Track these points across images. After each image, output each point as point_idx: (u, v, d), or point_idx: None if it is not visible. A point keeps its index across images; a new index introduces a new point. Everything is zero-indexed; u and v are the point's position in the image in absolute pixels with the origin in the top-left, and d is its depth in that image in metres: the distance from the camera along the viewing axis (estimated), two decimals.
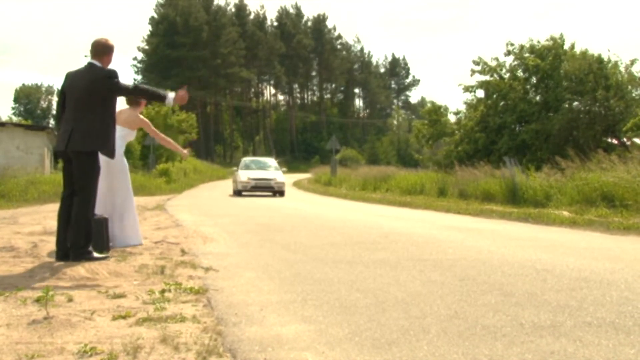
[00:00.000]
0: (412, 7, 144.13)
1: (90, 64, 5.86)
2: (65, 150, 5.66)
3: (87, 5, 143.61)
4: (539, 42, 22.87)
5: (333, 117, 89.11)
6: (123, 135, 6.86)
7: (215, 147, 75.90)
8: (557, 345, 2.94)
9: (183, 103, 6.20)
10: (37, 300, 3.87)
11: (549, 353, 2.82)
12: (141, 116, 7.08)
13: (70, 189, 5.79)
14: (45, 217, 10.73)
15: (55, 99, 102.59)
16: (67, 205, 5.75)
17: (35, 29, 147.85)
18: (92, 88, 5.67)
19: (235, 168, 25.39)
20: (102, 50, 5.89)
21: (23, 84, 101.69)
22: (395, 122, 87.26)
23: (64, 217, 5.72)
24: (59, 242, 5.73)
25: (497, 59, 23.50)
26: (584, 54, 21.64)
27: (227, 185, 31.64)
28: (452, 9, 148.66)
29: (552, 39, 22.78)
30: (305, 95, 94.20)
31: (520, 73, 23.28)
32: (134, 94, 6.05)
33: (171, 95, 5.97)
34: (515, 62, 23.35)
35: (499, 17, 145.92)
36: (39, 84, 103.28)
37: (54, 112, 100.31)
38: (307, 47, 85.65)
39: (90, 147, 5.65)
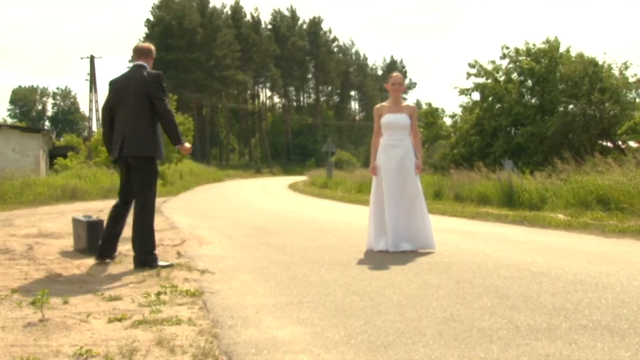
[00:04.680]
0: (407, 10, 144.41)
1: (138, 65, 5.77)
2: (120, 156, 5.58)
3: (84, 8, 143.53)
4: (534, 45, 22.92)
5: (329, 120, 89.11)
6: None
7: (211, 150, 75.81)
8: (553, 348, 2.94)
9: (185, 153, 6.24)
10: (33, 302, 3.86)
11: (544, 356, 2.82)
12: None
13: (125, 199, 5.74)
14: (40, 220, 10.71)
15: (50, 101, 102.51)
16: (119, 209, 5.76)
17: (32, 31, 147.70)
18: (142, 89, 5.57)
19: None
20: (147, 52, 5.85)
21: (19, 86, 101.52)
22: None
23: (113, 220, 5.73)
24: (102, 244, 5.76)
25: (493, 61, 23.55)
26: (580, 56, 21.69)
27: (223, 188, 31.61)
28: (447, 12, 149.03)
29: (548, 41, 22.82)
30: (301, 98, 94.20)
31: (515, 76, 23.31)
32: (165, 116, 5.67)
33: (187, 144, 5.89)
34: (511, 65, 23.39)
35: (494, 20, 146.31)
36: (35, 85, 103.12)
37: (49, 114, 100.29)
38: (302, 50, 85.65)
39: (149, 152, 5.60)
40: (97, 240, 6.07)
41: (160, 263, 5.54)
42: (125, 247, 6.58)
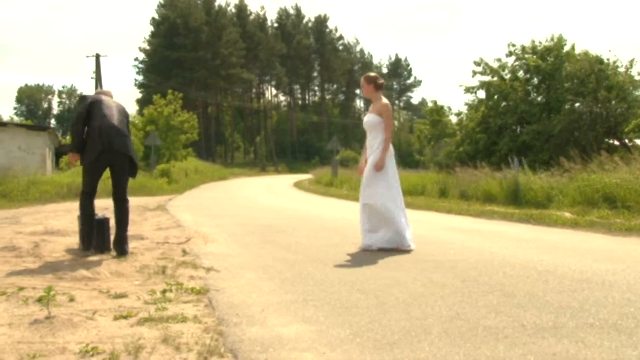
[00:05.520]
0: (412, 8, 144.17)
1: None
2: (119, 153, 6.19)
3: (89, 6, 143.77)
4: (540, 42, 22.84)
5: (334, 118, 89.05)
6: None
7: (217, 148, 75.87)
8: (559, 346, 2.93)
9: (70, 162, 6.57)
10: (39, 300, 3.87)
11: (551, 354, 2.82)
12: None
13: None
14: (46, 217, 10.74)
15: (55, 100, 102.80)
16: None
17: (37, 29, 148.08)
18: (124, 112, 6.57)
19: None
20: None
21: (25, 85, 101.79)
22: (396, 122, 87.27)
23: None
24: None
25: (499, 59, 23.47)
26: (585, 54, 21.61)
27: (228, 186, 31.65)
28: (452, 10, 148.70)
29: (553, 39, 22.75)
30: (307, 96, 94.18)
31: (521, 74, 23.24)
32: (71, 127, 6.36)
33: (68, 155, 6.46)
34: (517, 63, 23.31)
35: (499, 18, 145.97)
36: (41, 84, 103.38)
37: (55, 112, 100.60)
38: (307, 48, 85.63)
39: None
40: (103, 238, 6.17)
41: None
42: (131, 245, 6.60)
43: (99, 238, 6.22)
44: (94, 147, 6.03)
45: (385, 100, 6.81)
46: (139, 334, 3.16)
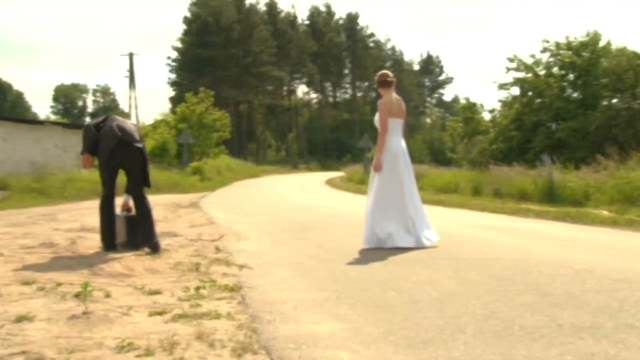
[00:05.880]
0: (443, 4, 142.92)
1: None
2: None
3: (122, 5, 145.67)
4: (575, 38, 22.48)
5: (365, 116, 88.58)
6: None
7: (248, 146, 76.24)
8: (598, 347, 2.87)
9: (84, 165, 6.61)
10: (76, 295, 3.93)
11: (589, 355, 2.76)
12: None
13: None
14: (82, 214, 10.90)
15: (90, 98, 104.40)
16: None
17: (72, 29, 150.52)
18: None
19: None
20: None
21: (61, 83, 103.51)
22: (428, 120, 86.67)
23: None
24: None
25: (533, 55, 23.17)
26: (623, 50, 21.20)
27: (260, 184, 31.78)
28: (485, 6, 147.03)
29: (589, 35, 22.37)
30: (338, 94, 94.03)
31: (556, 70, 22.90)
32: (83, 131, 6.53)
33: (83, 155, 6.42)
34: (551, 59, 22.98)
35: (533, 14, 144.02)
36: (76, 83, 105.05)
37: (90, 110, 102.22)
38: (339, 46, 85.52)
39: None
40: (135, 235, 6.26)
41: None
42: (164, 242, 6.67)
43: (130, 235, 6.30)
44: (108, 142, 6.16)
45: (389, 96, 6.77)
46: (173, 330, 3.19)
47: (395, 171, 6.59)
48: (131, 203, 6.48)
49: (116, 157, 6.22)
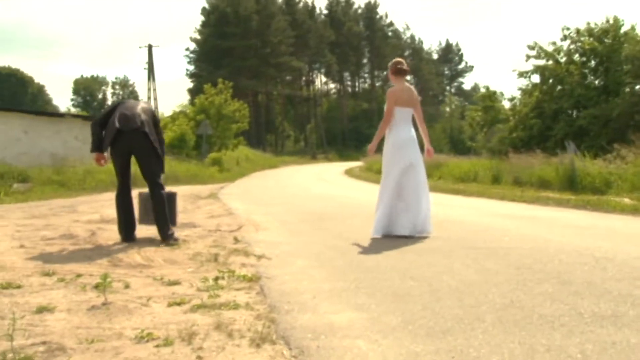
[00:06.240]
0: None
1: None
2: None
3: None
4: (596, 24, 22.17)
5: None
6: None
7: (267, 136, 76.35)
8: (619, 335, 2.84)
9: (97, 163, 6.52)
10: (96, 286, 3.96)
11: (610, 344, 2.73)
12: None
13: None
14: (102, 206, 10.99)
15: (109, 90, 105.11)
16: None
17: (91, 21, 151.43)
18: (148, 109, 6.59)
19: None
20: None
21: (81, 76, 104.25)
22: (447, 109, 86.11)
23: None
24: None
25: (554, 43, 22.90)
26: None
27: (279, 174, 31.83)
28: None
29: (609, 21, 22.05)
30: (357, 83, 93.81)
31: (577, 57, 22.63)
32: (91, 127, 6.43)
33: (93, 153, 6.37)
34: (572, 46, 22.70)
35: (553, 1, 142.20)
36: (95, 75, 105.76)
37: (109, 103, 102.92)
38: (357, 35, 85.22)
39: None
40: (171, 212, 6.39)
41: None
42: (183, 233, 6.70)
43: (169, 212, 6.33)
44: (108, 135, 6.12)
45: (401, 85, 6.77)
46: (192, 321, 3.20)
47: (399, 161, 6.57)
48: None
49: (121, 147, 6.16)
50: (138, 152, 6.24)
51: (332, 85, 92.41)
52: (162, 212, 6.19)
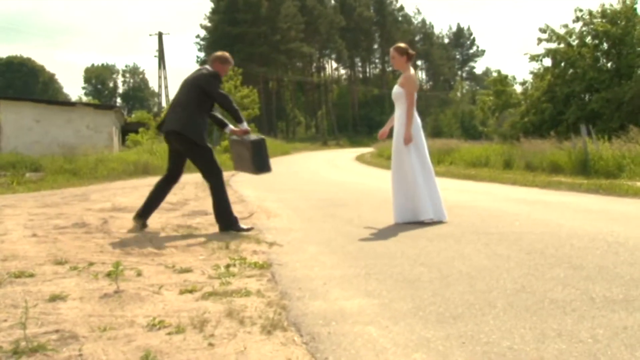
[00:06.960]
0: None
1: (201, 67, 6.54)
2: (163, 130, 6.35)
3: None
4: (611, 5, 21.92)
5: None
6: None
7: (278, 123, 76.31)
8: (631, 320, 2.83)
9: (236, 133, 6.60)
10: (108, 274, 3.98)
11: (621, 328, 2.72)
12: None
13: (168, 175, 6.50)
14: (114, 194, 11.05)
15: (120, 79, 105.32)
16: (163, 183, 6.50)
17: (101, 9, 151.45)
18: (196, 82, 6.23)
19: None
20: (212, 59, 6.49)
21: (92, 64, 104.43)
22: (459, 93, 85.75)
23: (156, 191, 6.46)
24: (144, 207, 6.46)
25: (566, 25, 22.68)
26: None
27: (290, 161, 31.83)
28: None
29: (623, 2, 21.79)
30: (367, 69, 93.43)
31: (589, 40, 22.40)
32: (221, 101, 6.24)
33: (244, 124, 6.44)
34: (585, 29, 22.47)
35: None
36: (106, 64, 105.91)
37: (120, 91, 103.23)
38: (368, 20, 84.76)
39: (190, 135, 6.12)
40: (262, 159, 6.53)
41: (242, 226, 6.19)
42: (195, 221, 6.72)
43: (258, 160, 6.49)
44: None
45: (411, 71, 6.73)
46: (204, 308, 3.22)
47: (423, 143, 6.66)
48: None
49: (168, 142, 6.39)
50: (181, 151, 6.33)
51: (342, 71, 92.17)
52: (215, 204, 6.30)
